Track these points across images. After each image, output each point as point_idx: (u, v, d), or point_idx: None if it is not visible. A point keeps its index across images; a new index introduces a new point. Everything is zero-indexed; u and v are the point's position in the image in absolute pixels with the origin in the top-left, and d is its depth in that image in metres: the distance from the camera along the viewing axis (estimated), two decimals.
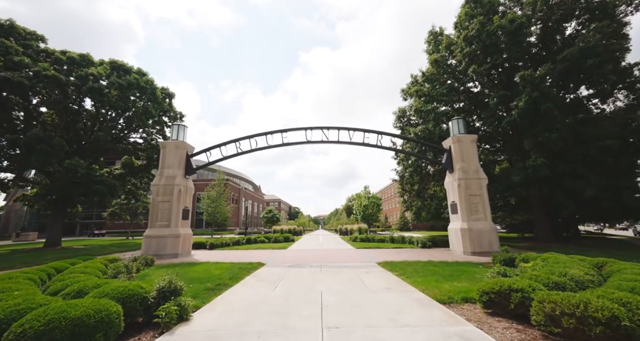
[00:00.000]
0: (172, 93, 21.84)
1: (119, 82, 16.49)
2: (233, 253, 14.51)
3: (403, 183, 20.11)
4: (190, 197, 14.57)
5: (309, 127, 15.18)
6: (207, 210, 34.05)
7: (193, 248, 17.38)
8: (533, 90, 11.72)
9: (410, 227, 51.30)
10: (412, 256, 12.21)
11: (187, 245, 13.75)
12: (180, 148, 14.21)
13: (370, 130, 15.03)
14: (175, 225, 13.08)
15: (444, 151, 14.83)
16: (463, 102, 17.41)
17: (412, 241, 18.08)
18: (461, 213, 13.22)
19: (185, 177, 14.18)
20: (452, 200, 14.05)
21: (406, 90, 19.98)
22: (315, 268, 9.49)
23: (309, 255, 13.52)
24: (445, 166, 14.49)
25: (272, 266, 9.85)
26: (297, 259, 11.92)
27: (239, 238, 19.64)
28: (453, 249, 13.72)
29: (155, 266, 9.62)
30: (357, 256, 12.87)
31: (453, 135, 14.34)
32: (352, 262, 10.82)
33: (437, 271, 8.14)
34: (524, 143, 13.59)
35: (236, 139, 15.05)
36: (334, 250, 16.00)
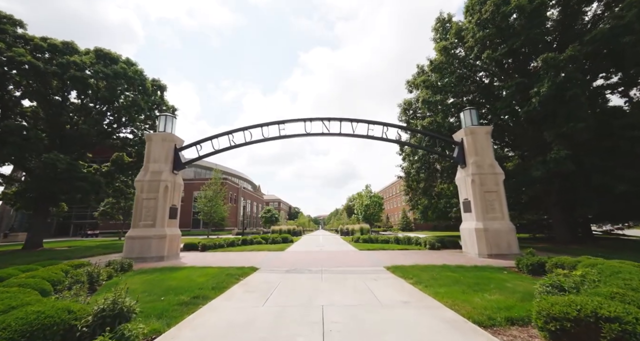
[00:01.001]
0: (163, 85, 20.64)
1: (104, 71, 15.29)
2: (226, 255, 13.31)
3: (409, 180, 18.89)
4: (179, 194, 13.37)
5: (308, 118, 13.98)
6: (204, 209, 32.83)
7: (184, 249, 16.24)
8: (557, 75, 10.54)
9: (413, 226, 50.08)
10: (423, 259, 11.02)
11: (175, 246, 12.54)
12: (168, 141, 13.01)
13: (375, 122, 13.83)
14: (161, 224, 11.88)
15: (455, 144, 13.63)
16: (473, 93, 16.21)
17: (419, 242, 16.88)
18: (475, 212, 12.02)
19: (173, 172, 12.98)
20: (465, 198, 12.85)
21: (412, 82, 18.79)
22: (315, 274, 8.29)
23: (308, 257, 12.33)
24: (456, 160, 13.29)
25: (265, 272, 8.65)
26: (295, 263, 10.73)
27: (233, 239, 18.45)
28: (466, 251, 12.51)
29: (132, 271, 8.41)
30: (361, 259, 11.68)
31: (465, 127, 13.15)
32: (356, 266, 9.62)
33: (457, 278, 6.94)
34: (543, 135, 12.40)
35: (229, 131, 13.85)
36: (336, 251, 14.80)
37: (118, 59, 16.95)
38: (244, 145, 13.84)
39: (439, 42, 16.30)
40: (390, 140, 13.71)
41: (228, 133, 13.82)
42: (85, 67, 15.30)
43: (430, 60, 16.16)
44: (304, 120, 14.04)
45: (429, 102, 15.39)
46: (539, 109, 11.24)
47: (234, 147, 13.76)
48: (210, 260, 11.49)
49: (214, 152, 13.66)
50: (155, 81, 20.19)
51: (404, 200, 55.18)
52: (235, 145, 13.76)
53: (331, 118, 14.02)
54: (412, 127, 15.67)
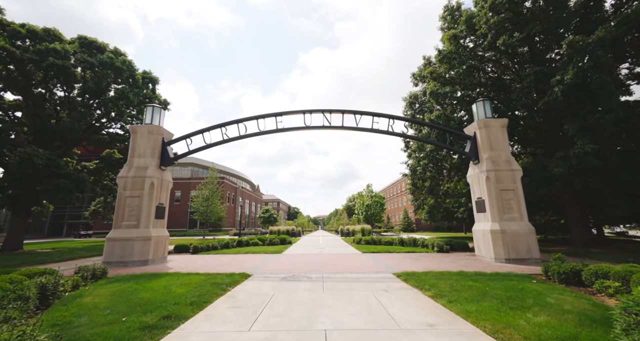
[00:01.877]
0: (155, 78, 19.55)
1: (89, 61, 14.19)
2: (217, 258, 12.24)
3: (415, 178, 17.83)
4: (167, 192, 12.30)
5: (308, 109, 12.92)
6: (199, 209, 31.73)
7: (175, 252, 15.17)
8: (584, 60, 9.50)
9: (414, 227, 49.05)
10: (435, 264, 9.97)
11: (162, 249, 11.46)
12: (155, 134, 11.93)
13: (381, 114, 12.78)
14: (145, 225, 10.79)
15: (467, 138, 12.58)
16: (483, 86, 15.16)
17: (426, 244, 15.84)
18: (491, 212, 10.97)
19: (160, 168, 11.91)
20: (479, 196, 11.81)
21: (417, 74, 17.73)
22: (316, 282, 7.23)
23: (307, 261, 11.27)
24: (469, 156, 12.25)
25: (259, 279, 7.58)
26: (292, 267, 9.66)
27: (228, 241, 17.37)
28: (480, 255, 11.46)
29: (105, 279, 7.33)
30: (367, 263, 10.62)
31: (478, 119, 12.10)
32: (361, 272, 8.56)
33: (483, 289, 5.89)
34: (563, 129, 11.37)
35: (222, 124, 12.78)
36: (337, 254, 13.74)
37: (105, 48, 15.84)
38: (238, 138, 12.77)
39: (447, 31, 15.24)
40: (396, 133, 12.65)
41: (221, 126, 12.76)
42: (67, 55, 14.20)
43: (439, 50, 15.10)
44: (303, 112, 12.97)
45: (437, 94, 14.34)
46: (561, 99, 10.20)
47: (227, 140, 12.69)
48: (199, 265, 10.42)
49: (205, 146, 12.59)
50: (146, 73, 19.09)
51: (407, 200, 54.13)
52: (228, 139, 12.69)
53: (332, 110, 12.96)
54: (420, 120, 14.60)
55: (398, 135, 12.85)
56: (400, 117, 12.79)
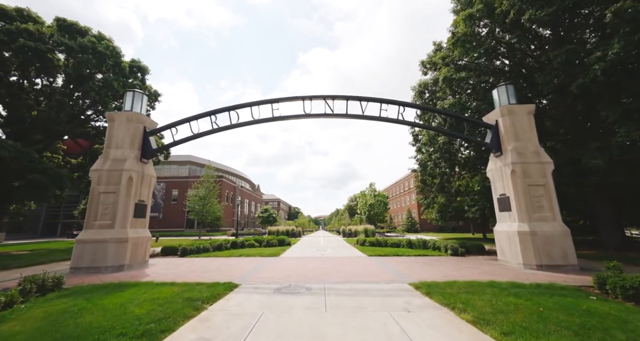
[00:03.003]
0: (144, 67, 18.21)
1: (66, 44, 12.87)
2: (206, 262, 10.87)
3: (424, 174, 16.37)
4: (149, 188, 10.93)
5: (308, 96, 11.54)
6: (195, 208, 30.38)
7: (162, 254, 13.84)
8: (634, 32, 8.09)
9: (418, 227, 47.55)
10: (454, 271, 8.57)
11: (142, 252, 10.09)
12: (135, 122, 10.56)
13: (390, 101, 11.38)
14: (121, 225, 9.42)
15: (487, 127, 11.17)
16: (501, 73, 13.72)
17: (437, 246, 14.43)
18: (518, 211, 9.55)
19: (141, 160, 10.54)
20: (502, 193, 10.38)
21: (427, 61, 16.30)
22: (316, 296, 5.84)
23: (307, 266, 9.88)
24: (490, 147, 10.83)
25: (246, 292, 6.19)
26: (289, 274, 8.28)
27: (222, 242, 15.99)
28: (503, 260, 10.03)
29: (56, 292, 5.96)
30: (374, 269, 9.22)
31: (501, 106, 10.68)
32: (371, 281, 7.17)
33: (535, 310, 4.48)
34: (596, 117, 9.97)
35: (212, 111, 11.41)
36: (341, 258, 12.35)
37: (86, 32, 14.50)
38: (229, 128, 11.40)
39: (461, 12, 13.81)
40: (408, 122, 11.25)
41: (210, 114, 11.38)
42: (43, 38, 12.88)
43: (452, 33, 13.67)
44: (302, 99, 11.58)
45: (451, 80, 12.93)
46: (601, 79, 8.78)
47: (217, 130, 11.32)
48: (181, 271, 9.05)
49: (192, 137, 11.22)
50: (134, 62, 17.75)
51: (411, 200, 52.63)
52: (218, 128, 11.32)
53: (335, 97, 11.57)
54: (433, 108, 13.18)
55: (409, 124, 11.45)
56: (412, 104, 11.39)
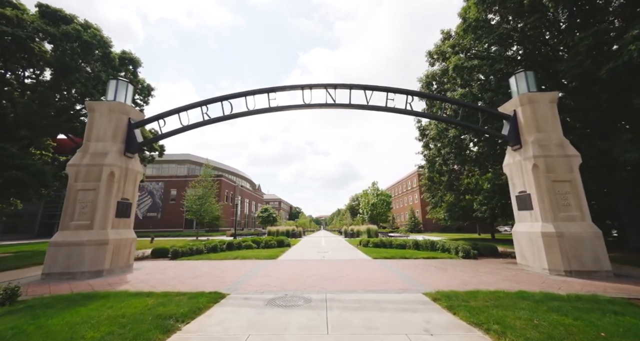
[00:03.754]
0: (136, 59, 17.31)
1: (48, 31, 11.98)
2: (197, 266, 9.95)
3: (432, 171, 15.36)
4: (134, 185, 10.02)
5: (308, 84, 10.60)
6: (192, 208, 29.48)
7: (152, 256, 12.96)
8: None
9: (421, 228, 46.55)
10: (472, 277, 7.61)
11: (126, 255, 9.18)
12: (118, 113, 9.64)
13: (397, 89, 10.42)
14: (101, 225, 8.51)
15: (504, 118, 10.19)
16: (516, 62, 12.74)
17: (447, 248, 13.46)
18: (541, 209, 8.58)
19: (125, 154, 9.63)
20: (521, 190, 9.41)
21: (435, 51, 15.31)
22: (316, 310, 4.90)
23: (306, 271, 8.94)
24: (507, 139, 9.85)
25: (233, 305, 5.26)
26: (286, 281, 7.35)
27: (217, 243, 15.08)
28: (524, 264, 9.05)
29: (8, 306, 5.04)
30: (382, 274, 8.28)
31: (520, 94, 9.70)
32: (380, 290, 6.22)
33: (597, 336, 3.53)
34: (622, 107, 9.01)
35: (202, 102, 10.48)
36: (344, 261, 11.41)
37: (72, 20, 13.57)
38: (222, 119, 10.47)
39: None
40: (417, 112, 10.29)
41: (201, 105, 10.46)
42: (23, 24, 11.99)
43: (464, 18, 12.68)
44: (301, 88, 10.64)
45: (462, 69, 11.95)
46: (638, 61, 7.81)
47: (209, 122, 10.39)
48: (167, 276, 8.14)
49: (181, 129, 10.29)
50: (125, 53, 16.86)
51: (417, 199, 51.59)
52: (210, 120, 10.38)
53: (337, 85, 10.61)
54: (444, 96, 12.18)
55: (418, 115, 10.49)
56: (421, 93, 10.47)
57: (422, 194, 24.85)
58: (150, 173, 51.27)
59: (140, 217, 47.45)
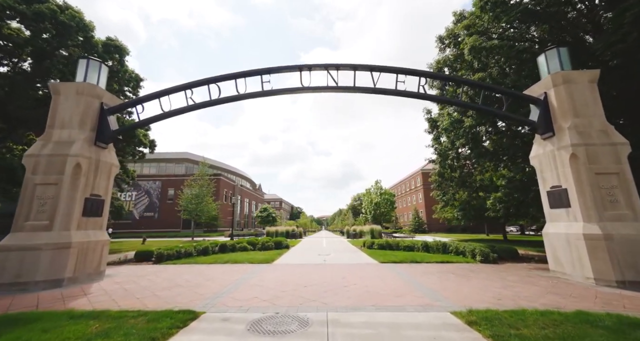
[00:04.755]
0: (123, 47, 16.07)
1: (16, 8, 10.73)
2: (179, 273, 8.68)
3: (444, 166, 13.97)
4: (108, 179, 8.74)
5: (306, 65, 9.31)
6: (187, 207, 28.24)
7: (136, 259, 11.74)
8: None
9: (426, 228, 45.13)
10: (504, 288, 6.29)
11: (95, 260, 7.91)
12: (88, 96, 8.37)
13: (409, 70, 9.09)
14: (63, 226, 7.25)
15: (531, 102, 8.86)
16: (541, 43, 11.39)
17: (461, 251, 12.14)
18: (582, 207, 7.24)
19: (96, 144, 8.36)
20: (554, 184, 8.07)
21: (446, 35, 13.95)
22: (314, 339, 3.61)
23: (304, 279, 7.65)
24: (536, 126, 8.52)
25: (204, 331, 3.97)
26: (278, 294, 6.06)
27: (208, 245, 13.79)
28: (560, 271, 7.71)
29: None
30: (394, 283, 6.96)
31: (552, 73, 8.36)
32: (395, 307, 4.91)
33: None
34: None
35: (187, 85, 9.19)
36: (347, 266, 10.10)
37: None
38: (208, 104, 9.18)
39: None
40: (431, 96, 9.01)
41: (185, 88, 9.18)
42: None
43: None
44: (299, 69, 9.33)
45: (480, 50, 10.62)
46: None
47: (193, 107, 9.10)
48: (139, 286, 6.87)
49: (163, 115, 9.01)
50: (110, 40, 15.61)
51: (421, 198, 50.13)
52: (195, 105, 9.10)
53: (340, 66, 9.31)
54: (463, 78, 10.77)
55: (433, 99, 9.24)
56: (437, 74, 9.18)
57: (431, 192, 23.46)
58: (148, 172, 50.17)
59: (137, 216, 46.34)
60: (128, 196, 46.88)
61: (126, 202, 46.25)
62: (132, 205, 46.49)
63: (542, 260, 10.99)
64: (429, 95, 9.00)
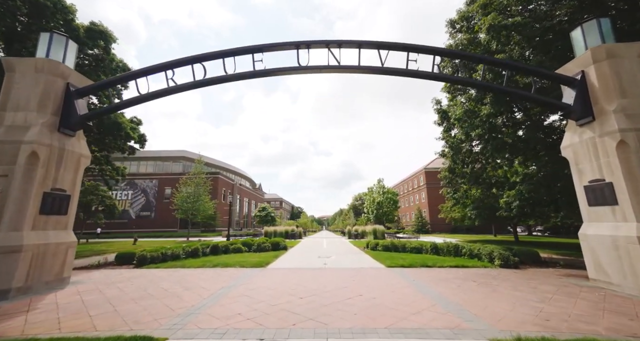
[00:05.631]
0: (108, 33, 14.84)
1: None
2: (158, 278, 7.52)
3: (456, 160, 12.67)
4: (74, 173, 7.57)
5: (304, 41, 8.12)
6: (182, 206, 27.12)
7: (117, 263, 10.60)
8: None
9: (429, 228, 43.87)
10: (543, 303, 5.10)
11: (57, 265, 6.76)
12: (49, 75, 7.21)
13: (421, 47, 7.90)
14: (13, 225, 6.10)
15: (564, 82, 7.66)
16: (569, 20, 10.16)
17: (476, 254, 10.95)
18: (633, 204, 6.06)
19: (60, 130, 7.21)
20: (595, 178, 6.87)
21: (458, 18, 12.74)
22: None
23: (300, 287, 6.47)
24: (571, 110, 7.32)
25: None
26: (267, 309, 4.89)
27: (198, 246, 12.62)
28: (604, 280, 6.51)
29: None
30: (408, 294, 5.77)
31: (592, 48, 7.15)
32: (418, 335, 3.71)
33: None
34: None
35: (167, 64, 8.01)
36: (350, 271, 8.92)
37: None
38: (192, 87, 8.01)
39: None
40: (448, 77, 7.85)
41: (166, 68, 8.00)
42: None
43: None
44: (296, 46, 8.15)
45: (500, 29, 9.42)
46: None
47: (175, 89, 7.93)
48: (104, 297, 5.73)
49: (140, 99, 7.85)
50: (94, 25, 14.47)
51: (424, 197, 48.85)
52: (177, 87, 7.92)
53: (343, 43, 8.13)
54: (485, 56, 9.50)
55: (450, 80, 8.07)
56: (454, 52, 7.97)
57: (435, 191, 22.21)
58: (144, 170, 49.11)
59: (133, 216, 45.26)
60: (124, 195, 45.83)
61: (122, 201, 45.23)
62: (128, 204, 45.44)
63: (570, 265, 9.80)
64: (445, 75, 7.84)
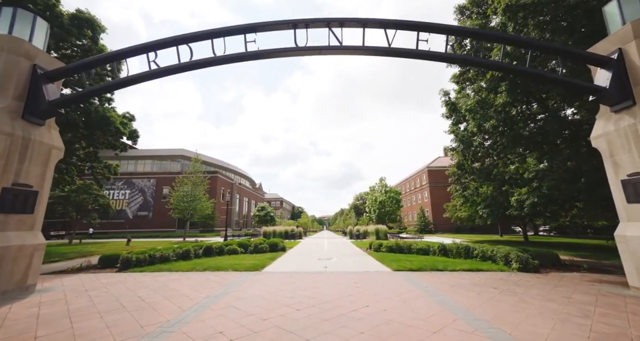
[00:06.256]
0: (96, 21, 14.10)
1: None
2: (138, 285, 6.69)
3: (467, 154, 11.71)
4: (44, 166, 6.73)
5: (302, 19, 7.27)
6: (179, 205, 26.31)
7: (101, 266, 9.79)
8: None
9: (432, 228, 42.99)
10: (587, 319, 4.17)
11: (19, 271, 5.95)
12: (11, 54, 6.38)
13: (434, 26, 7.04)
14: None
15: (597, 62, 6.79)
16: None
17: (489, 256, 10.10)
18: None
19: (24, 118, 6.38)
20: (635, 171, 6.01)
21: (468, 3, 11.88)
22: None
23: (297, 296, 5.63)
24: (606, 94, 6.45)
25: None
26: (255, 326, 4.04)
27: (189, 248, 11.79)
28: None
29: None
30: (423, 305, 4.90)
31: (632, 21, 6.29)
32: None
33: None
34: None
35: (149, 44, 7.16)
36: (354, 275, 8.06)
37: None
38: (176, 70, 7.16)
39: None
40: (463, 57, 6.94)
41: (147, 50, 7.15)
42: None
43: None
44: (293, 25, 7.28)
45: (518, 9, 8.52)
46: None
47: (158, 73, 7.08)
48: (72, 308, 4.94)
49: (117, 84, 7.01)
50: (80, 13, 13.68)
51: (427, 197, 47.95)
52: (160, 70, 7.07)
53: (346, 21, 7.27)
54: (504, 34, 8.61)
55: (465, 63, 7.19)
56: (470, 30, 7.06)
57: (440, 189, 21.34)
58: (142, 169, 48.31)
59: (131, 216, 44.49)
60: (121, 194, 45.09)
61: (119, 200, 44.47)
62: (126, 203, 44.67)
63: (595, 268, 8.94)
64: (461, 56, 6.96)
